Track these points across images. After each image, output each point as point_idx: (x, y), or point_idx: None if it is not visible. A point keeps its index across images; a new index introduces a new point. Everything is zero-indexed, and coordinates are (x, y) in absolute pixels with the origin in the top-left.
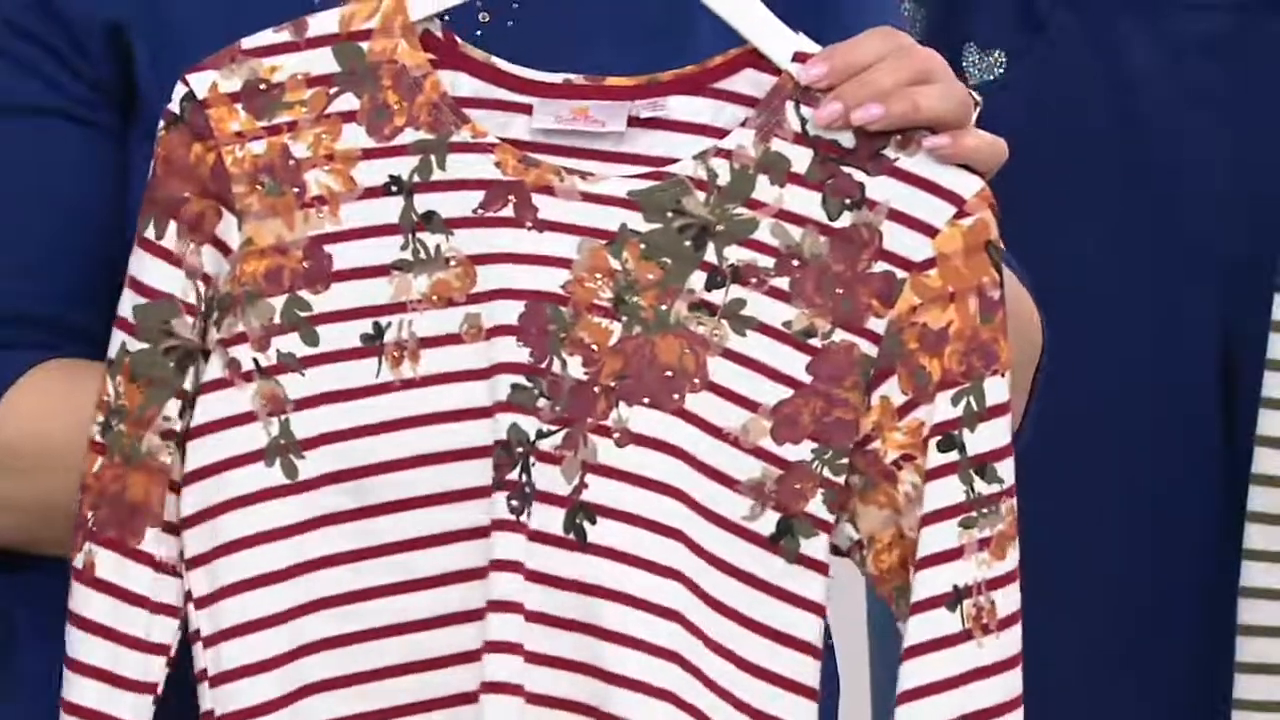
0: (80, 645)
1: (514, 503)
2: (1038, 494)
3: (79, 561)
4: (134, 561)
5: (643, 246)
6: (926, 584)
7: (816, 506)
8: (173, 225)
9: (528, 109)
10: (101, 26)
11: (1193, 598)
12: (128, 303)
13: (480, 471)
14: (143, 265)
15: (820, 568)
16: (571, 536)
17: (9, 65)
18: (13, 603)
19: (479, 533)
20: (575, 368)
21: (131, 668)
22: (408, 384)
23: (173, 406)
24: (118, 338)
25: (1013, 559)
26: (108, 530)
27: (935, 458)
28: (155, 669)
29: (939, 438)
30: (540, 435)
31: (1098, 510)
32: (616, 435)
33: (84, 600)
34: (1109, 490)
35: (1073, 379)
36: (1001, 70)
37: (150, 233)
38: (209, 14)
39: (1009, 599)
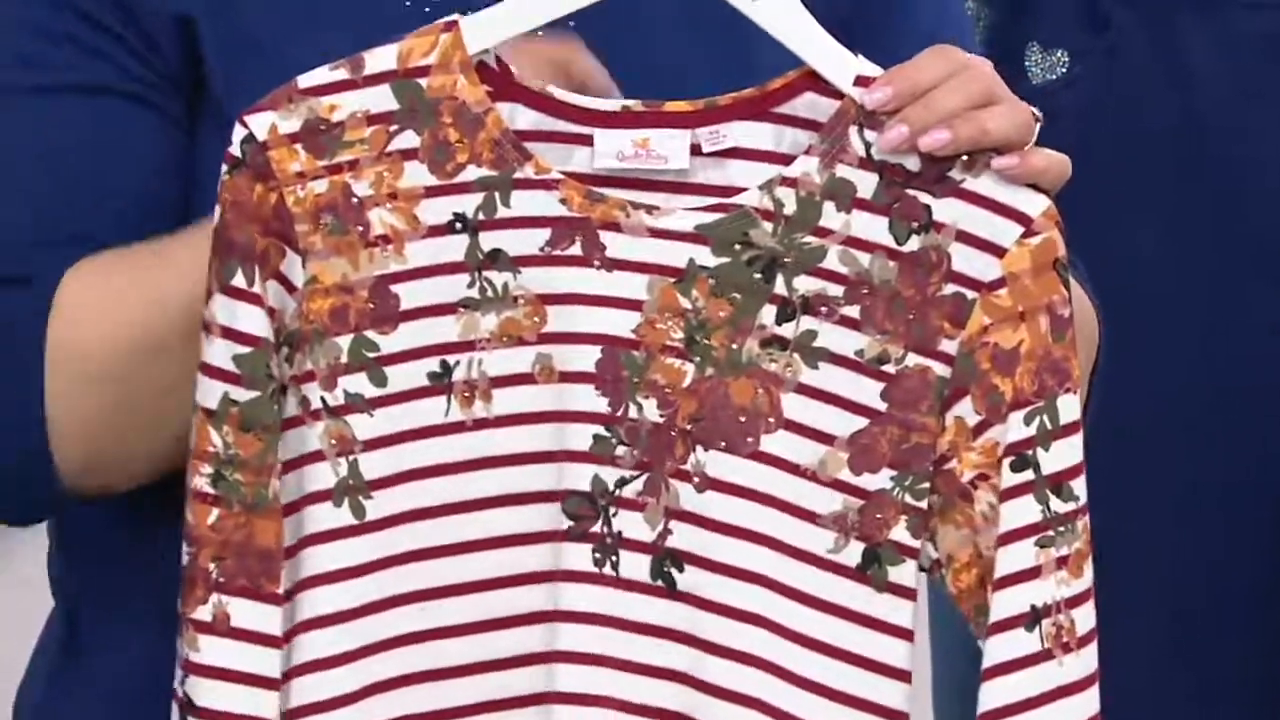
0: (219, 696)
1: (597, 555)
2: (1097, 494)
3: (206, 614)
4: (270, 605)
5: (712, 282)
6: (1005, 604)
7: (900, 533)
8: (248, 267)
9: (588, 139)
10: (171, 19)
11: (1254, 598)
12: (223, 352)
13: (551, 515)
14: (235, 313)
15: (908, 594)
16: (660, 584)
17: (79, 49)
18: (78, 603)
19: (551, 576)
20: (651, 410)
21: (271, 709)
22: (480, 424)
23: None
24: (216, 388)
25: (1089, 575)
26: (238, 580)
27: (1009, 477)
28: (276, 706)
29: (1013, 458)
30: (621, 483)
31: (1157, 511)
32: (696, 480)
33: (218, 651)
34: (1170, 491)
35: (1134, 378)
36: (1064, 69)
37: (238, 280)
38: (279, 11)
39: (1087, 616)
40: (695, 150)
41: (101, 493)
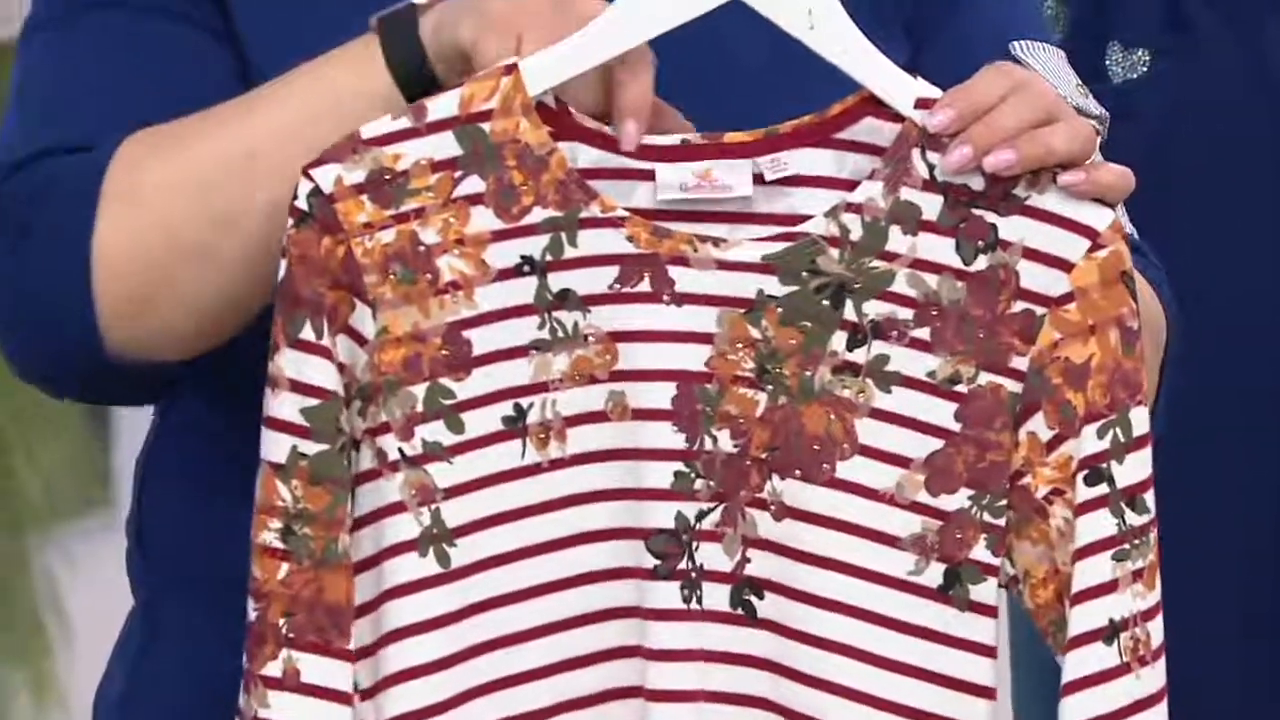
0: None
1: (685, 591)
2: (1175, 495)
3: (275, 670)
4: (340, 660)
5: (781, 311)
6: (1083, 619)
7: (980, 552)
8: (317, 320)
9: (649, 175)
10: None
11: None
12: (291, 405)
13: (633, 552)
14: (303, 367)
15: (990, 611)
16: (740, 612)
17: None
18: (158, 599)
19: (635, 612)
20: (725, 441)
21: None
22: (556, 464)
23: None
24: (283, 441)
25: (1159, 587)
26: (308, 635)
27: (1084, 492)
28: None
29: (1086, 471)
30: (700, 515)
31: (1235, 512)
32: (773, 508)
33: (289, 707)
34: (1257, 489)
35: (1212, 380)
36: (1145, 69)
37: (307, 333)
38: None
39: (1159, 628)
40: (758, 180)
41: (144, 361)
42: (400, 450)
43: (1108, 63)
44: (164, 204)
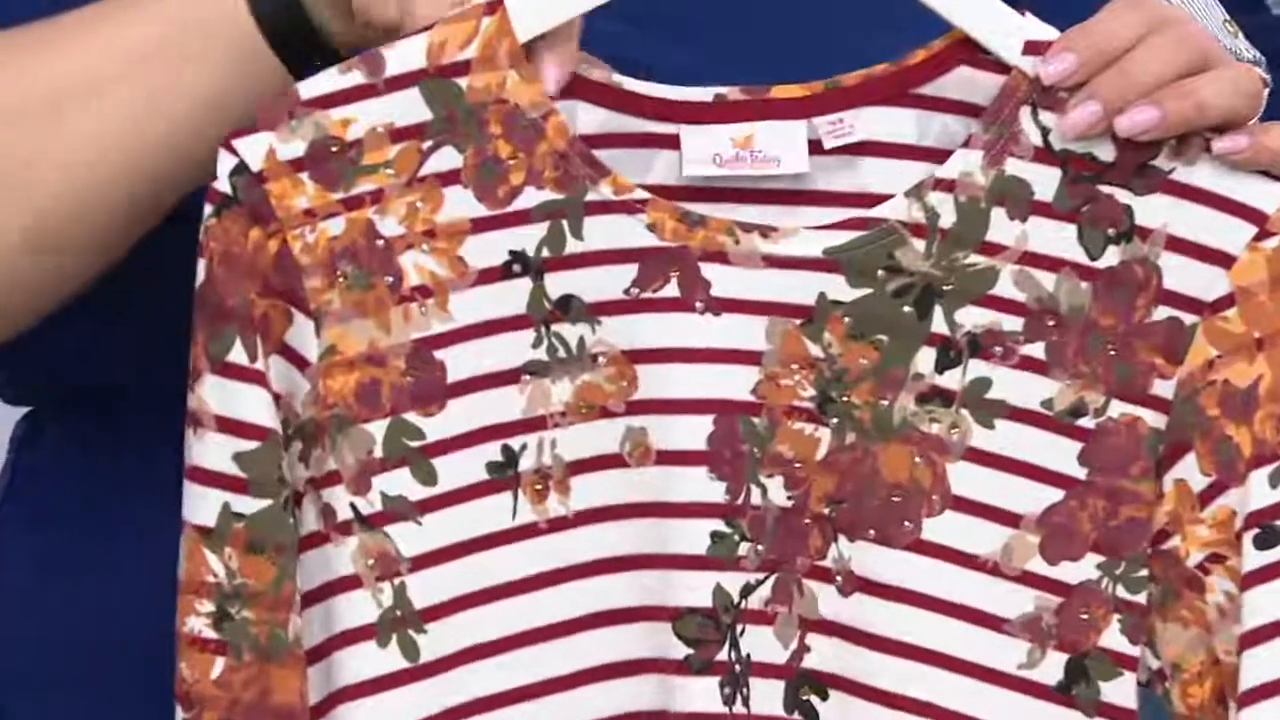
0: None
1: (726, 690)
2: None
3: None
4: None
5: (849, 321)
6: None
7: (1113, 638)
8: (248, 337)
9: (673, 140)
10: None
11: None
12: (221, 450)
13: (658, 639)
14: (233, 398)
15: (1127, 717)
16: (798, 717)
17: None
18: (6, 695)
19: (663, 718)
20: (777, 492)
21: None
22: (557, 524)
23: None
24: (212, 497)
25: None
26: None
27: (1254, 557)
28: None
29: (1256, 530)
30: (746, 590)
31: None
32: (839, 580)
33: None
34: None
35: None
36: None
37: (236, 355)
38: None
39: None
40: (815, 148)
41: None
42: (353, 507)
43: None
44: None
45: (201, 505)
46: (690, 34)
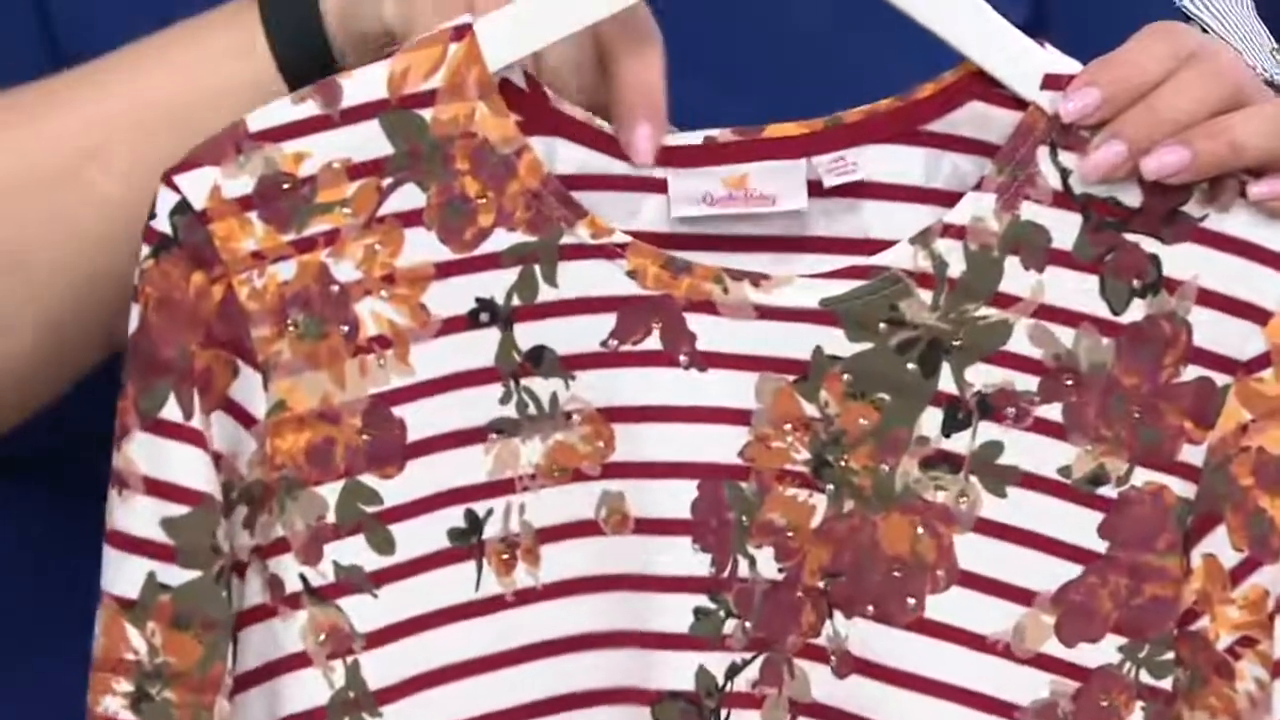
0: None
1: None
2: None
3: None
4: None
5: (848, 379)
6: None
7: None
8: (183, 392)
9: (660, 185)
10: None
11: None
12: (148, 515)
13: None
14: (164, 458)
15: None
16: None
17: None
18: None
19: None
20: (767, 564)
21: None
22: (525, 596)
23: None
24: (135, 566)
25: None
26: None
27: None
28: None
29: None
30: (732, 671)
31: None
32: (834, 660)
33: None
34: None
35: None
36: None
37: (170, 411)
38: None
39: None
40: (814, 189)
41: None
42: (303, 578)
43: None
44: None
45: (123, 574)
46: (741, 84)
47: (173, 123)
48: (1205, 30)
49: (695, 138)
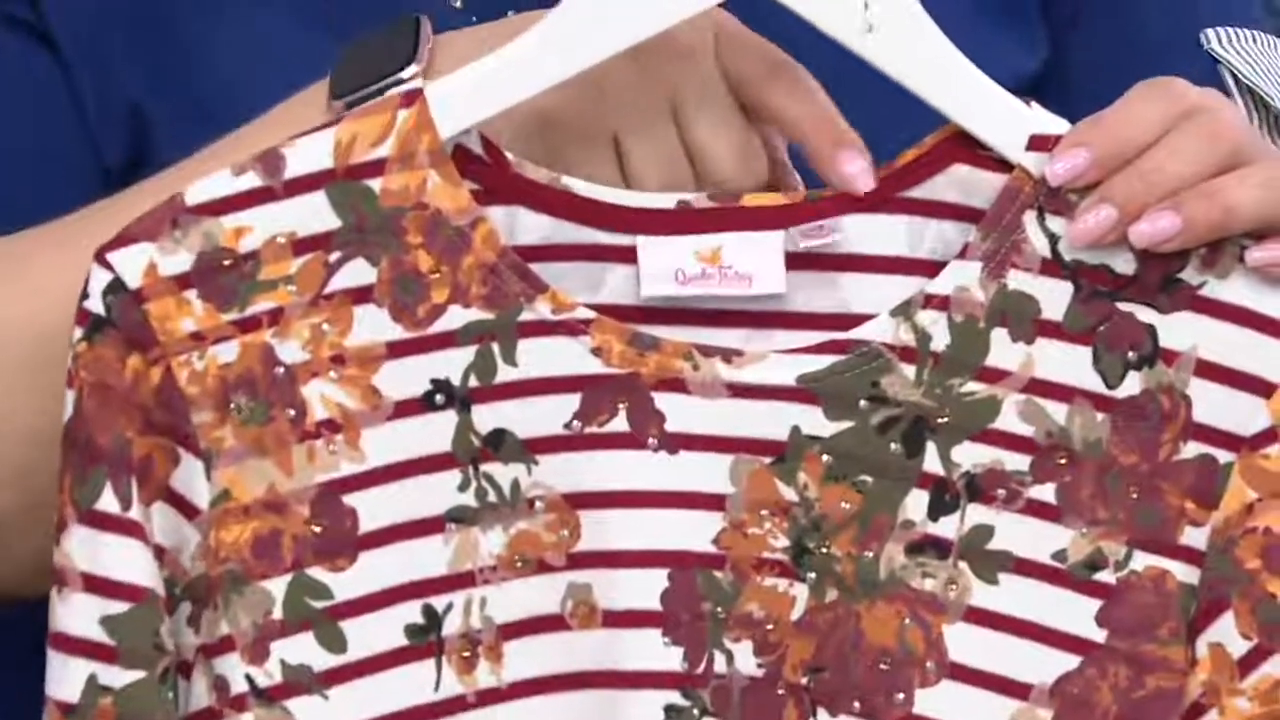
0: None
1: None
2: None
3: None
4: None
5: (828, 460)
6: None
7: None
8: (120, 482)
9: (628, 253)
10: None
11: None
12: (86, 613)
13: None
14: (102, 553)
15: None
16: None
17: None
18: None
19: None
20: (745, 658)
21: None
22: (488, 698)
23: None
24: (74, 668)
25: None
26: None
27: None
28: None
29: None
30: None
31: None
32: None
33: None
34: None
35: None
36: None
37: (106, 502)
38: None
39: None
40: (792, 261)
41: None
42: (249, 679)
43: None
44: None
45: (64, 677)
46: None
47: None
48: (1235, 76)
49: (668, 201)
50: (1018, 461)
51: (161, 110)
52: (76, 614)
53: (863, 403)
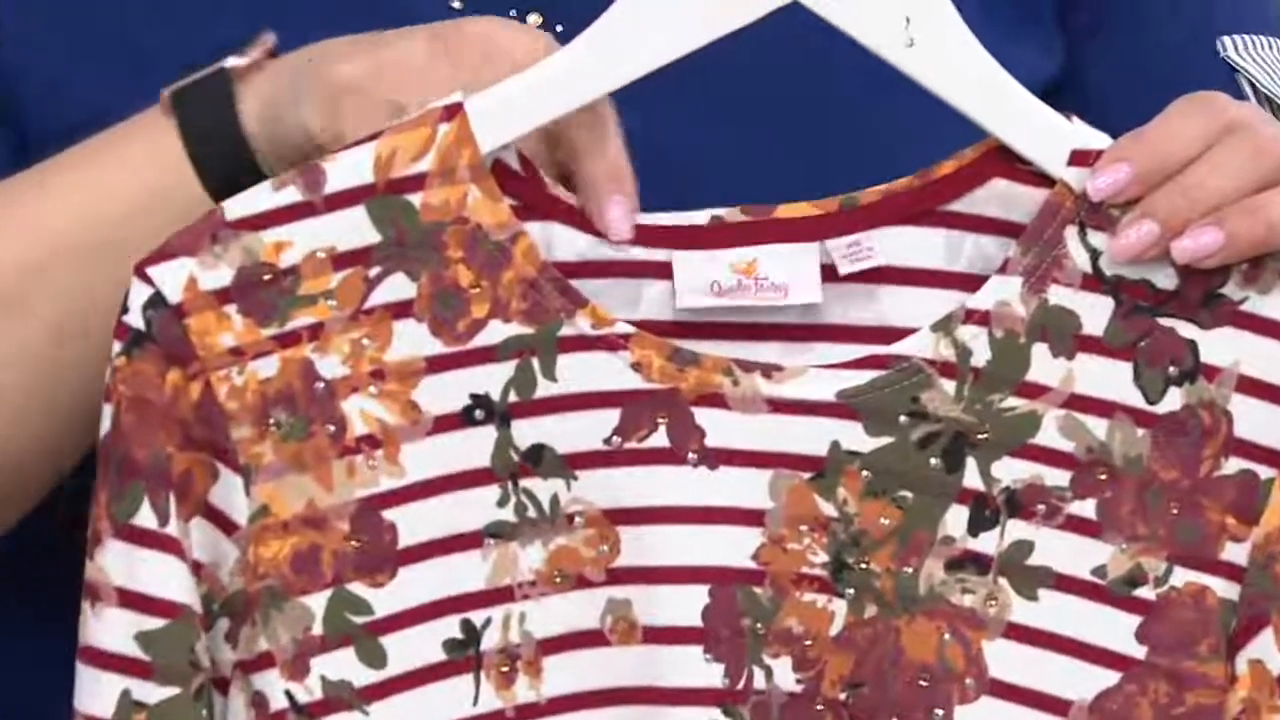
0: None
1: None
2: None
3: None
4: None
5: (867, 475)
6: None
7: None
8: (159, 497)
9: (665, 269)
10: None
11: None
12: (122, 628)
13: None
14: (139, 569)
15: None
16: None
17: None
18: None
19: None
20: (784, 674)
21: None
22: (527, 713)
23: None
24: (108, 683)
25: None
26: None
27: None
28: None
29: None
30: None
31: None
32: None
33: None
34: None
35: None
36: None
37: (144, 518)
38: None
39: None
40: (829, 274)
41: None
42: (289, 695)
43: None
44: None
45: (96, 692)
46: (775, 146)
47: (97, 241)
48: (1253, 84)
49: (701, 217)
50: (1058, 477)
51: (111, 117)
52: (110, 629)
53: (903, 418)
